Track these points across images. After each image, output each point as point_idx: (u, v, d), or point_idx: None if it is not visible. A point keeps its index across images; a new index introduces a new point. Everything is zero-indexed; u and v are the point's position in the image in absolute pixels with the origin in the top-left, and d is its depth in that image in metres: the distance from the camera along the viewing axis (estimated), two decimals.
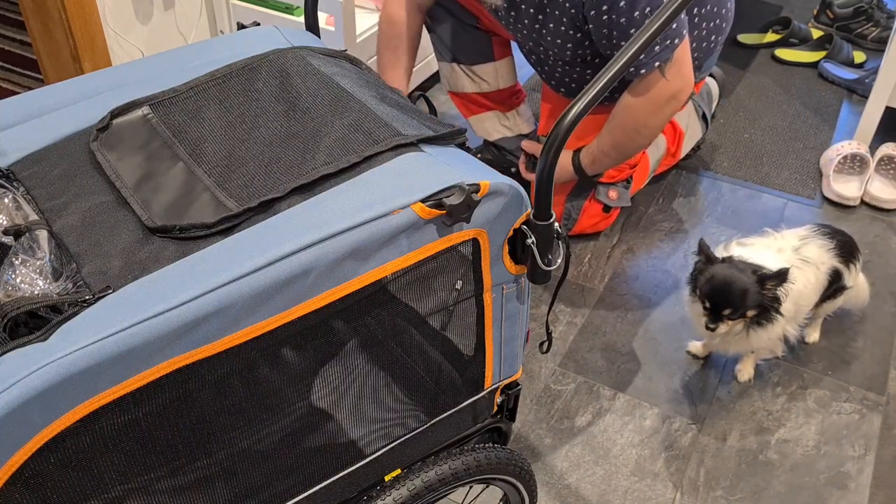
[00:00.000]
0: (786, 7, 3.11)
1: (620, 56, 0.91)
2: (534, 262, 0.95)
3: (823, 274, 1.66)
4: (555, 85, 2.03)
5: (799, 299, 1.63)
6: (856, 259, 1.72)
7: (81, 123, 0.98)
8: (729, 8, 1.98)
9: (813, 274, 1.64)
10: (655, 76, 1.73)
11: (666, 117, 1.82)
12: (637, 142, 1.87)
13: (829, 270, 1.67)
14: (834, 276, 1.69)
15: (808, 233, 1.69)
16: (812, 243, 1.67)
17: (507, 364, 1.08)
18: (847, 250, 1.71)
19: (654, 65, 1.70)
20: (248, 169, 0.90)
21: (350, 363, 0.91)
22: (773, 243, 1.67)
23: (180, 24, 2.31)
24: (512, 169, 2.26)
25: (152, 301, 0.74)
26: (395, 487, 1.04)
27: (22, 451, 0.71)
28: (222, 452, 0.85)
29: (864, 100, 2.47)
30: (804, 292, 1.63)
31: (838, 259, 1.68)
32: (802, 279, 1.62)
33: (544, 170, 0.90)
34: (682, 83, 1.76)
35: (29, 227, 0.84)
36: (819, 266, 1.65)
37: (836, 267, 1.68)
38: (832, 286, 1.70)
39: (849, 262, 1.70)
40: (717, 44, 2.00)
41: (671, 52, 1.70)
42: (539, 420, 1.70)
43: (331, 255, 0.81)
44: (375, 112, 0.95)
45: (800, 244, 1.66)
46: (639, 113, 1.79)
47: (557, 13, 1.75)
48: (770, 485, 1.59)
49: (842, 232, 1.74)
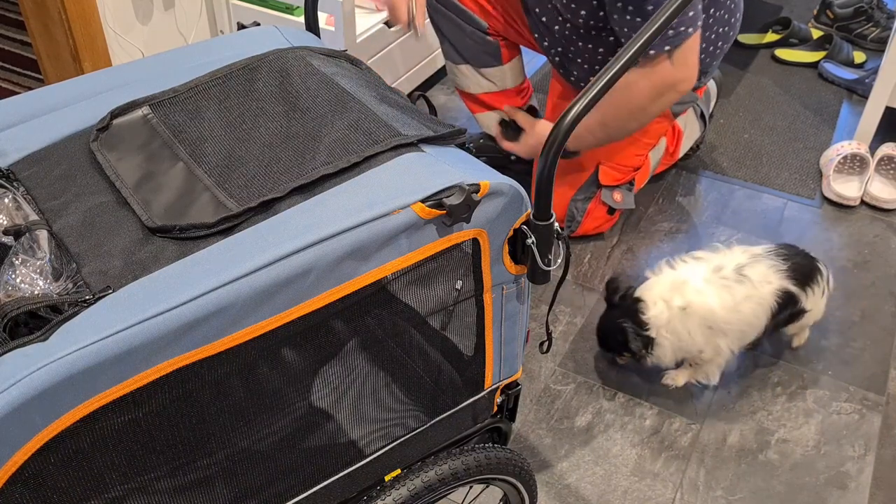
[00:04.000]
0: (786, 7, 3.11)
1: (621, 56, 0.91)
2: (534, 262, 0.95)
3: (768, 294, 1.62)
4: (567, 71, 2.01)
5: (718, 318, 1.62)
6: (814, 283, 1.67)
7: (81, 123, 0.98)
8: (738, 18, 1.98)
9: (744, 293, 1.61)
10: (663, 59, 1.70)
11: (662, 106, 1.79)
12: (627, 126, 1.84)
13: (776, 292, 1.63)
14: (786, 298, 1.64)
15: (762, 252, 1.67)
16: (761, 263, 1.64)
17: (507, 364, 1.08)
18: (804, 273, 1.66)
19: (664, 47, 1.69)
20: (248, 169, 0.90)
21: (350, 363, 0.91)
22: (716, 260, 1.66)
23: (180, 24, 2.31)
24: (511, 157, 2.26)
25: (152, 301, 0.74)
26: (395, 487, 1.04)
27: (22, 451, 0.71)
28: (222, 452, 0.85)
29: (864, 100, 2.47)
30: (719, 313, 1.61)
31: (791, 281, 1.64)
32: (721, 299, 1.61)
33: (545, 169, 0.90)
34: (686, 73, 1.74)
35: (29, 227, 0.84)
36: (759, 286, 1.62)
37: (787, 289, 1.64)
38: (786, 310, 1.66)
39: (805, 286, 1.65)
40: (722, 51, 1.99)
41: (683, 38, 1.68)
42: (539, 420, 1.70)
43: (331, 255, 0.81)
44: (375, 112, 0.95)
45: (746, 262, 1.64)
46: (638, 94, 1.76)
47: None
48: (770, 485, 1.59)
49: (805, 255, 1.70)
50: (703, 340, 1.64)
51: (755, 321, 1.65)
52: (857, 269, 2.06)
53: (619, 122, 1.83)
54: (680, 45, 1.69)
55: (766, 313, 1.64)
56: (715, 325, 1.63)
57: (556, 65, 2.05)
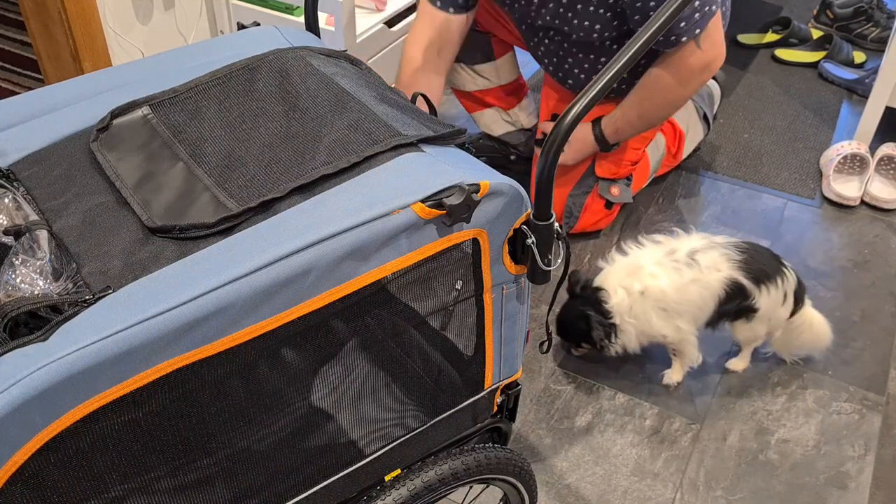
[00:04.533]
0: (786, 7, 3.11)
1: (622, 55, 0.91)
2: (534, 262, 0.95)
3: (716, 282, 1.61)
4: (562, 77, 2.02)
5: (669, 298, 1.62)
6: (770, 283, 1.64)
7: (81, 123, 0.98)
8: (727, 7, 1.98)
9: (691, 276, 1.61)
10: (691, 47, 1.70)
11: (695, 88, 1.80)
12: (665, 111, 1.86)
13: (726, 280, 1.62)
14: (735, 289, 1.63)
15: (722, 242, 1.66)
16: (714, 251, 1.63)
17: (507, 364, 1.08)
18: (760, 270, 1.63)
19: (694, 32, 1.68)
20: (248, 169, 0.90)
21: (350, 363, 0.91)
22: (671, 244, 1.67)
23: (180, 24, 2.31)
24: (511, 157, 2.26)
25: (152, 301, 0.74)
26: (395, 487, 1.04)
27: (22, 451, 0.71)
28: (222, 452, 0.85)
29: (864, 100, 2.47)
30: (669, 293, 1.61)
31: (742, 273, 1.62)
32: (670, 279, 1.61)
33: (544, 170, 0.90)
34: (716, 52, 1.74)
35: (29, 227, 0.84)
36: (706, 272, 1.61)
37: (737, 280, 1.62)
38: (734, 300, 1.64)
39: (759, 283, 1.63)
40: None
41: (709, 19, 1.68)
42: (539, 420, 1.70)
43: (331, 255, 0.81)
44: (375, 112, 0.95)
45: (700, 248, 1.64)
46: (670, 85, 1.77)
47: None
48: (770, 485, 1.59)
49: (769, 255, 1.67)
50: (661, 323, 1.65)
51: (702, 304, 1.64)
52: (857, 269, 2.06)
53: (657, 111, 1.86)
54: (706, 26, 1.68)
55: (714, 299, 1.64)
56: (668, 306, 1.63)
57: (550, 73, 2.05)
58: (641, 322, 1.65)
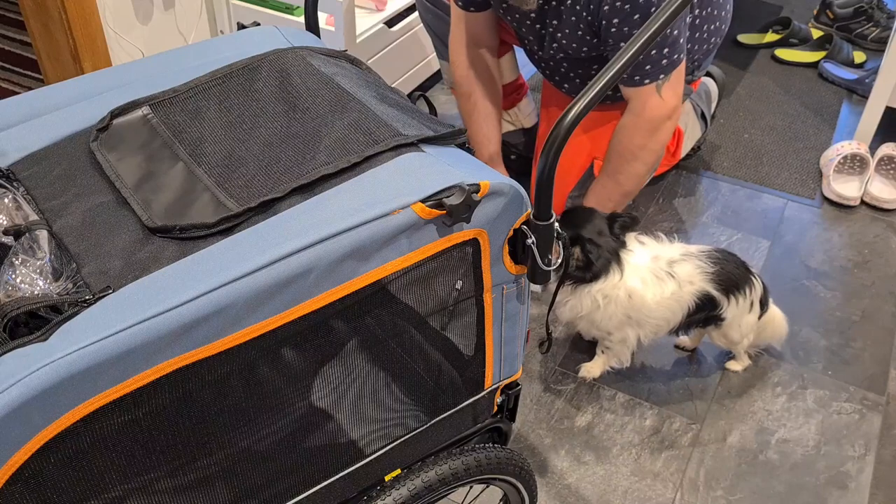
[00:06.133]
0: (786, 7, 3.11)
1: (622, 55, 0.91)
2: (534, 262, 0.95)
3: (688, 294, 1.61)
4: (558, 81, 2.03)
5: (645, 309, 1.61)
6: (739, 292, 1.64)
7: (81, 123, 0.98)
8: (728, 10, 1.99)
9: (672, 290, 1.61)
10: (653, 96, 1.73)
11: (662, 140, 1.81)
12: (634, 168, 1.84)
13: (697, 293, 1.61)
14: (706, 301, 1.63)
15: (697, 252, 1.65)
16: (689, 262, 1.62)
17: (507, 364, 1.08)
18: (730, 281, 1.63)
19: (658, 76, 1.70)
20: (248, 169, 0.90)
21: (350, 363, 0.91)
22: (657, 249, 1.65)
23: (180, 24, 2.31)
24: (511, 156, 2.26)
25: (152, 301, 0.74)
26: (395, 487, 1.04)
27: (22, 451, 0.71)
28: (222, 452, 0.85)
29: (864, 100, 2.47)
30: (649, 304, 1.61)
31: (713, 286, 1.62)
32: (654, 292, 1.60)
33: (544, 170, 0.90)
34: (675, 101, 1.77)
35: (29, 227, 0.84)
36: (683, 285, 1.61)
37: (707, 292, 1.62)
38: (704, 311, 1.64)
39: (728, 293, 1.63)
40: (715, 45, 2.01)
41: (674, 67, 1.71)
42: (539, 420, 1.70)
43: (331, 255, 0.81)
44: (375, 112, 0.95)
45: (678, 258, 1.63)
46: (636, 135, 1.79)
47: (574, 19, 1.75)
48: (770, 485, 1.59)
49: (739, 264, 1.66)
50: (617, 327, 1.64)
51: (672, 318, 1.64)
52: (857, 269, 2.06)
53: (626, 166, 1.83)
54: (670, 74, 1.70)
55: (683, 311, 1.63)
56: (636, 315, 1.62)
57: (547, 77, 2.06)
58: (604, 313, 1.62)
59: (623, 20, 1.65)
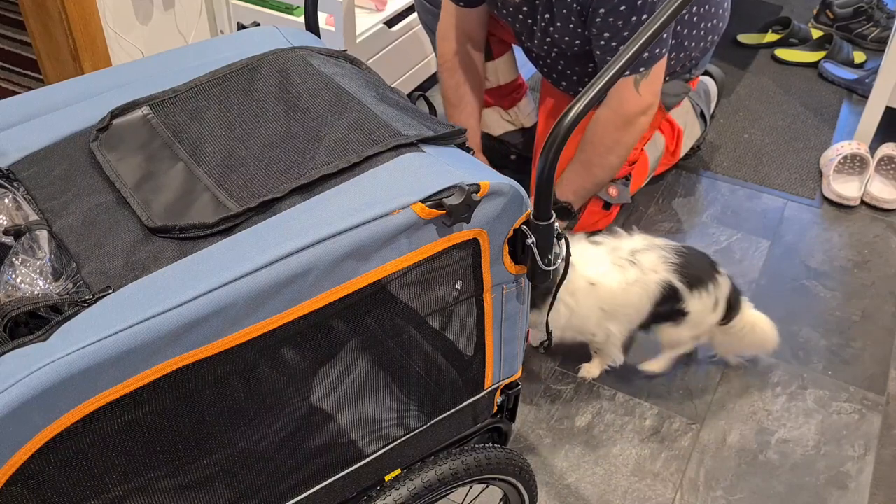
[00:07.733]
0: (786, 7, 3.11)
1: (621, 55, 0.91)
2: (534, 262, 0.95)
3: (653, 283, 1.61)
4: (556, 79, 2.03)
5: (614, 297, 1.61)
6: (703, 288, 1.64)
7: (81, 123, 0.98)
8: (726, 7, 1.99)
9: (636, 277, 1.61)
10: (630, 89, 1.74)
11: (635, 135, 1.83)
12: (608, 160, 1.87)
13: (661, 282, 1.61)
14: (670, 291, 1.62)
15: (662, 244, 1.65)
16: (653, 252, 1.63)
17: (507, 364, 1.08)
18: (694, 276, 1.63)
19: (639, 69, 1.71)
20: (248, 169, 0.90)
21: (350, 363, 0.91)
22: (615, 243, 1.66)
23: (180, 24, 2.31)
24: (511, 156, 2.26)
25: (152, 301, 0.74)
26: (395, 487, 1.04)
27: (22, 451, 0.71)
28: (222, 452, 0.85)
29: (864, 100, 2.48)
30: (615, 290, 1.61)
31: (677, 277, 1.62)
32: (617, 279, 1.61)
33: (544, 170, 0.90)
34: (652, 99, 1.78)
35: (29, 227, 0.84)
36: (647, 273, 1.61)
37: (671, 282, 1.61)
38: (667, 303, 1.64)
39: (692, 287, 1.63)
40: (712, 43, 2.01)
41: (655, 62, 1.72)
42: (539, 420, 1.70)
43: (331, 255, 0.81)
44: (375, 112, 0.95)
45: (641, 248, 1.64)
46: (610, 127, 1.81)
47: (565, 12, 1.75)
48: (770, 485, 1.59)
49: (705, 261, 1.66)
50: (597, 324, 1.64)
51: (640, 307, 1.64)
52: (857, 269, 2.06)
53: (600, 158, 1.87)
54: (651, 67, 1.71)
55: (650, 301, 1.63)
56: (608, 306, 1.62)
57: (545, 74, 2.06)
58: (579, 314, 1.62)
59: (609, 10, 1.67)
